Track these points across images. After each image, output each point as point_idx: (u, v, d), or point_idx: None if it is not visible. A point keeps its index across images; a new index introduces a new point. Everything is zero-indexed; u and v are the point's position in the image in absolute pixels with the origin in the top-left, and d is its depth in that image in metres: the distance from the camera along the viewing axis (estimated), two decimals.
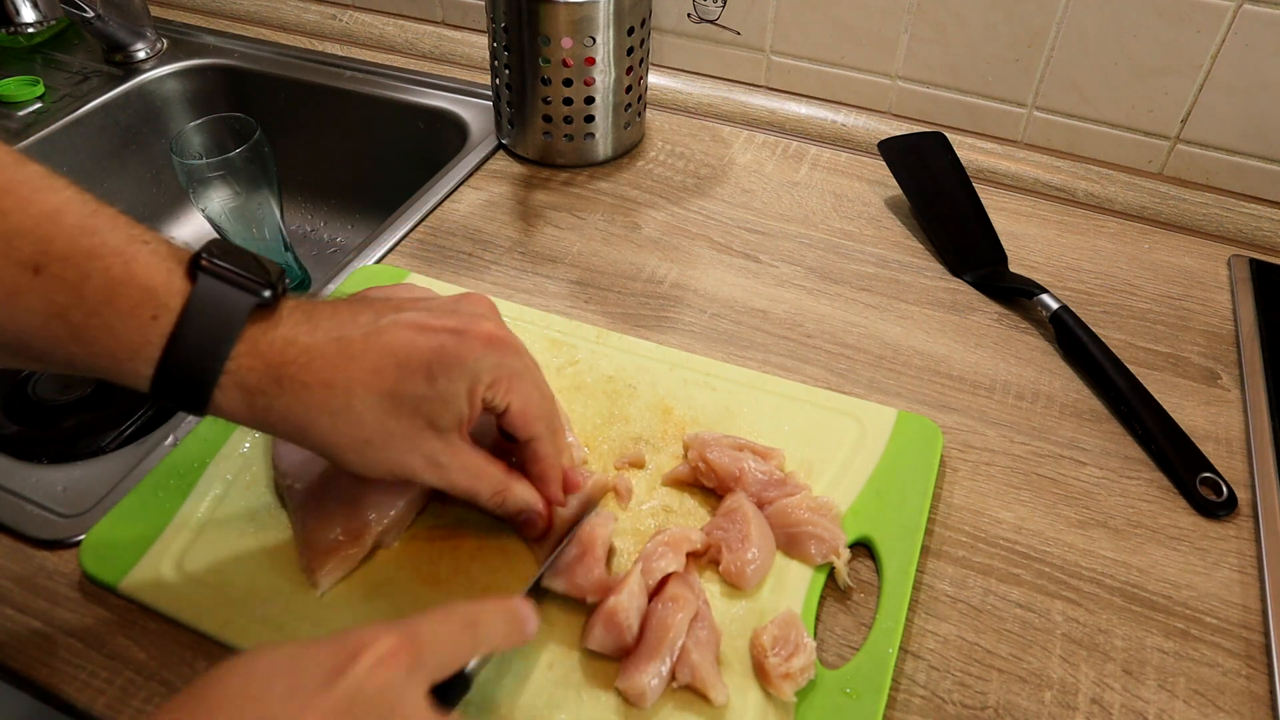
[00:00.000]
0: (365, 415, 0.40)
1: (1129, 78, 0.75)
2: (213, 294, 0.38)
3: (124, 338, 0.37)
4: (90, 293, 0.36)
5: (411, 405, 0.41)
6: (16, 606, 0.48)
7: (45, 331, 0.36)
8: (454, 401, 0.42)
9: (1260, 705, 0.45)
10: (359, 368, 0.40)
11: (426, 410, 0.41)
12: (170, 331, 0.37)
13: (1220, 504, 0.54)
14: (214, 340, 0.38)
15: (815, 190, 0.79)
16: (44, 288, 0.36)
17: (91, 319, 0.36)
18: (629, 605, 0.43)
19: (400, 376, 0.41)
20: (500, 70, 0.78)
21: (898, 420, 0.56)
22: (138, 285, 0.37)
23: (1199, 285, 0.71)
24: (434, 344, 0.41)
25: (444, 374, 0.41)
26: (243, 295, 0.39)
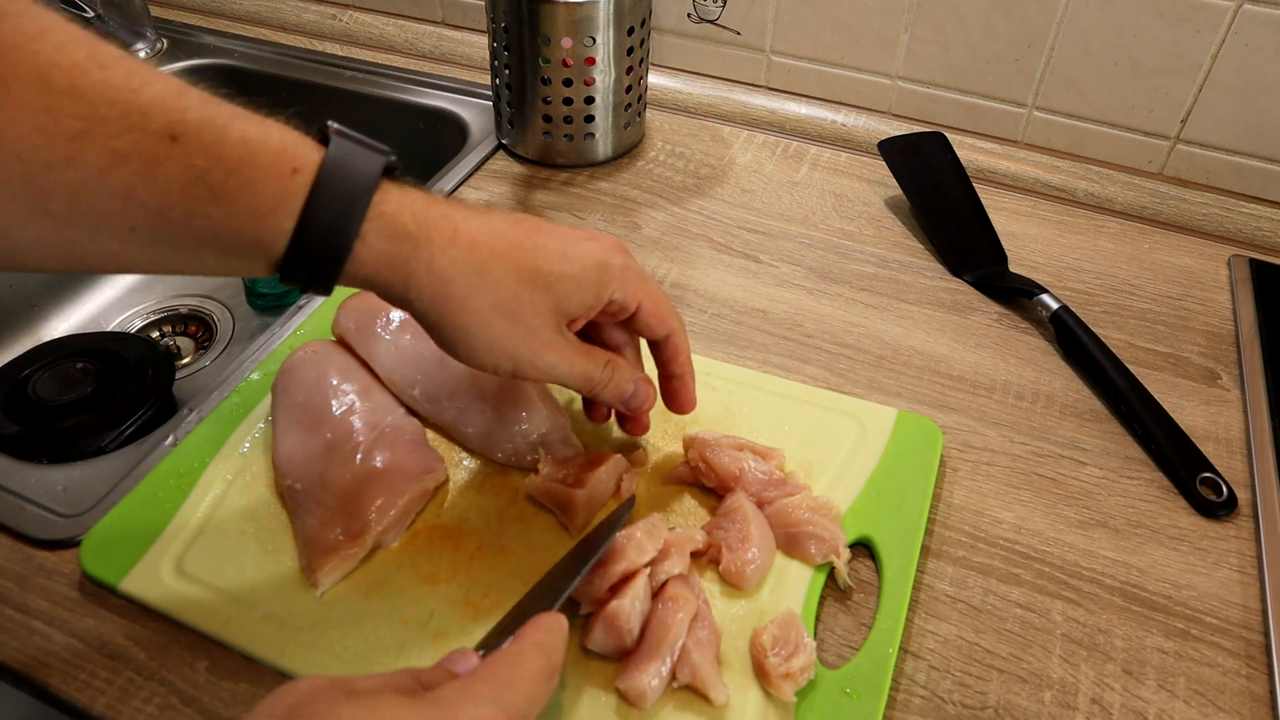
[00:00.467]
0: (504, 281, 0.42)
1: (1129, 78, 0.75)
2: (347, 152, 0.39)
3: (265, 192, 0.37)
4: (229, 153, 0.36)
5: (546, 282, 0.43)
6: (16, 606, 0.48)
7: (185, 197, 0.36)
8: (586, 288, 0.44)
9: (1260, 705, 0.45)
10: (503, 238, 0.42)
11: (559, 290, 0.43)
12: (312, 182, 0.38)
13: (1220, 504, 0.54)
14: (356, 186, 0.39)
15: (815, 190, 0.79)
16: (184, 153, 0.36)
17: (232, 178, 0.36)
18: (630, 610, 0.43)
19: (539, 255, 0.43)
20: (500, 70, 0.78)
21: (898, 420, 0.56)
22: (274, 144, 0.38)
23: (1199, 285, 0.71)
24: (570, 239, 0.44)
25: (579, 260, 0.44)
26: (374, 154, 0.40)
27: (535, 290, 0.43)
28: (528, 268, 0.42)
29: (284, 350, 0.61)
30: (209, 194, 0.36)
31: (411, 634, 0.45)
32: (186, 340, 0.83)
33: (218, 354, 0.82)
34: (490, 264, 0.42)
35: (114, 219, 0.36)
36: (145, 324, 0.85)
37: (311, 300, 0.66)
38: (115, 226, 0.36)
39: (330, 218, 0.38)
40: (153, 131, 0.35)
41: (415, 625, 0.46)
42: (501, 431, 0.53)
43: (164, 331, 0.84)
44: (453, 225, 0.41)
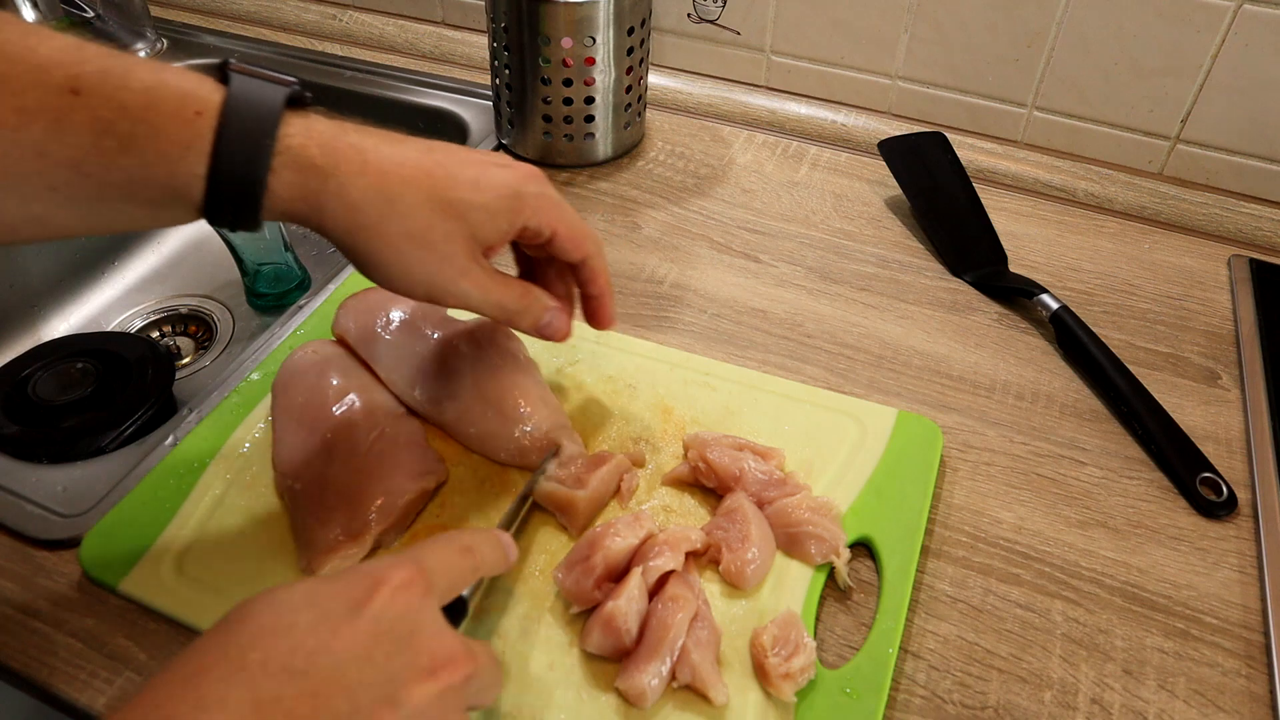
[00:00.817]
0: (417, 210, 0.42)
1: (1129, 78, 0.75)
2: (248, 88, 0.39)
3: (173, 137, 0.38)
4: (131, 101, 0.37)
5: (459, 210, 0.43)
6: (16, 606, 0.48)
7: (96, 149, 0.37)
8: (499, 216, 0.45)
9: (1260, 705, 0.45)
10: (415, 167, 0.43)
11: (473, 219, 0.44)
12: (216, 123, 0.38)
13: (1220, 504, 0.54)
14: (260, 123, 0.39)
15: (815, 190, 0.79)
16: (86, 105, 0.36)
17: (138, 126, 0.37)
18: (627, 610, 0.43)
19: (452, 184, 0.43)
20: (500, 70, 0.78)
21: (898, 420, 0.56)
22: (174, 89, 0.38)
23: (1199, 285, 0.71)
24: (482, 167, 0.45)
25: (492, 189, 0.44)
26: (276, 88, 0.40)
27: (448, 219, 0.43)
28: (440, 196, 0.43)
29: (284, 350, 0.61)
30: (118, 144, 0.37)
31: None
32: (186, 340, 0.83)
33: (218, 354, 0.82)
34: (402, 193, 0.42)
35: (33, 179, 0.37)
36: (145, 324, 0.85)
37: (311, 300, 0.66)
38: (35, 187, 0.37)
39: (239, 156, 0.39)
40: (54, 86, 0.36)
41: None
42: (503, 431, 0.53)
43: (164, 331, 0.84)
44: (362, 155, 0.41)
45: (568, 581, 0.46)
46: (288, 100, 0.40)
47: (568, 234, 0.48)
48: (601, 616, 0.44)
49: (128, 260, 0.89)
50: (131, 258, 0.89)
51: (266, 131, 0.39)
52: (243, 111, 0.39)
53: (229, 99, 0.39)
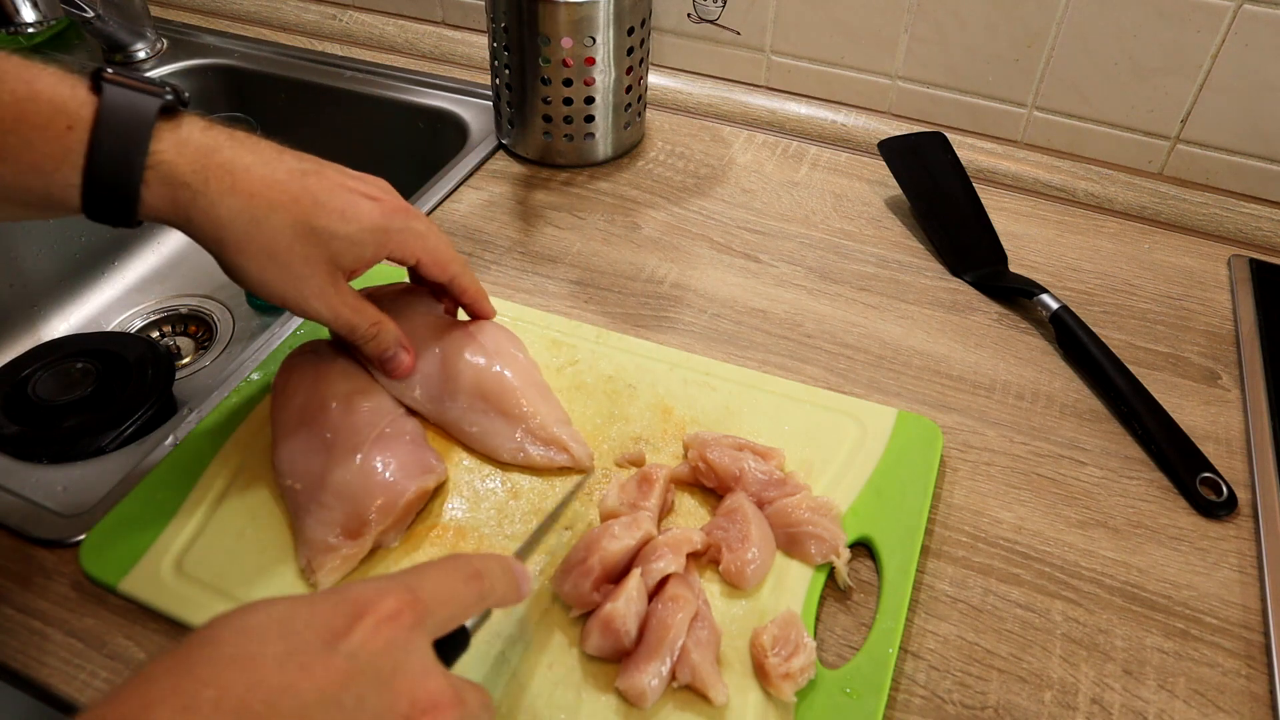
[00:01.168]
0: (280, 233, 0.44)
1: (1129, 78, 0.75)
2: (121, 99, 0.40)
3: (44, 150, 0.39)
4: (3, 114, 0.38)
5: (322, 239, 0.46)
6: (16, 606, 0.48)
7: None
8: (362, 248, 0.47)
9: (1260, 705, 0.45)
10: (283, 192, 0.44)
11: (334, 247, 0.46)
12: (88, 137, 0.40)
13: (1220, 504, 0.54)
14: (132, 138, 0.40)
15: (815, 190, 0.79)
16: None
17: (9, 137, 0.38)
18: (626, 611, 0.43)
19: (318, 212, 0.45)
20: (500, 70, 0.78)
21: (898, 420, 0.56)
22: (45, 101, 0.39)
23: (1199, 285, 0.71)
24: (352, 198, 0.47)
25: (358, 222, 0.47)
26: (149, 99, 0.41)
27: (309, 244, 0.45)
28: (304, 223, 0.45)
29: (284, 350, 0.61)
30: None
31: None
32: (186, 340, 0.83)
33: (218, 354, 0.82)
34: (267, 216, 0.44)
35: None
36: (145, 324, 0.85)
37: None
38: None
39: (111, 171, 0.40)
40: None
41: None
42: (505, 431, 0.53)
43: (164, 331, 0.84)
44: (232, 175, 0.43)
45: (566, 585, 0.46)
46: (160, 110, 0.41)
47: (431, 261, 0.52)
48: (600, 618, 0.44)
49: (128, 260, 0.89)
50: (131, 258, 0.89)
51: (138, 147, 0.41)
52: (114, 125, 0.40)
53: (101, 112, 0.40)
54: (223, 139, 0.44)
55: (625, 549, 0.46)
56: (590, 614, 0.45)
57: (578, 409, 0.57)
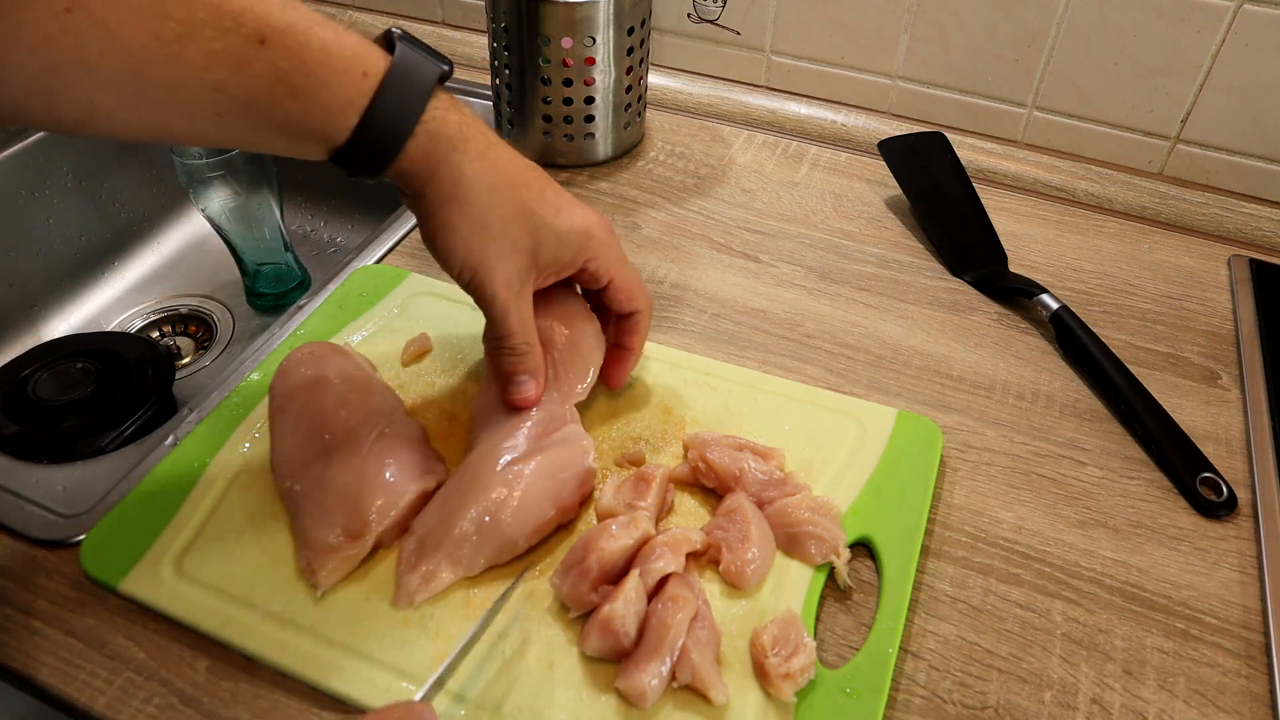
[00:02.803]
0: (504, 206, 0.47)
1: (1129, 78, 0.76)
2: (410, 58, 0.44)
3: (339, 92, 0.42)
4: (310, 57, 0.41)
5: (534, 225, 0.48)
6: (16, 606, 0.48)
7: (269, 94, 0.41)
8: (566, 246, 0.49)
9: (1260, 705, 0.45)
10: (521, 172, 0.48)
11: (541, 238, 0.48)
12: (378, 85, 0.43)
13: (1220, 504, 0.54)
14: (416, 92, 0.44)
15: (815, 190, 0.80)
16: (270, 55, 0.40)
17: (311, 79, 0.41)
18: (624, 612, 0.43)
19: (540, 201, 0.48)
20: (500, 70, 0.78)
21: (898, 420, 0.56)
22: (349, 50, 0.43)
23: (1199, 285, 0.71)
24: (570, 201, 0.50)
25: (569, 220, 0.49)
26: (433, 63, 0.45)
27: (522, 228, 0.48)
28: (525, 205, 0.48)
29: (284, 350, 0.61)
30: (289, 92, 0.41)
31: (412, 634, 0.45)
32: (186, 340, 0.83)
33: (218, 354, 0.82)
34: (500, 186, 0.47)
35: (205, 108, 0.41)
36: (145, 324, 0.85)
37: (311, 300, 0.66)
38: (205, 114, 0.41)
39: (391, 118, 0.44)
40: (244, 35, 0.40)
41: (415, 626, 0.46)
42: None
43: (164, 331, 0.84)
44: (486, 141, 0.47)
45: (564, 586, 0.46)
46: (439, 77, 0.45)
47: (623, 285, 0.53)
48: (599, 620, 0.44)
49: (128, 260, 0.89)
50: (131, 258, 0.89)
51: (418, 101, 0.44)
52: (403, 79, 0.44)
53: (394, 65, 0.43)
54: (475, 116, 0.48)
55: (623, 549, 0.46)
56: (589, 615, 0.45)
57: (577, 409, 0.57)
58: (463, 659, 0.42)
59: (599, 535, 0.46)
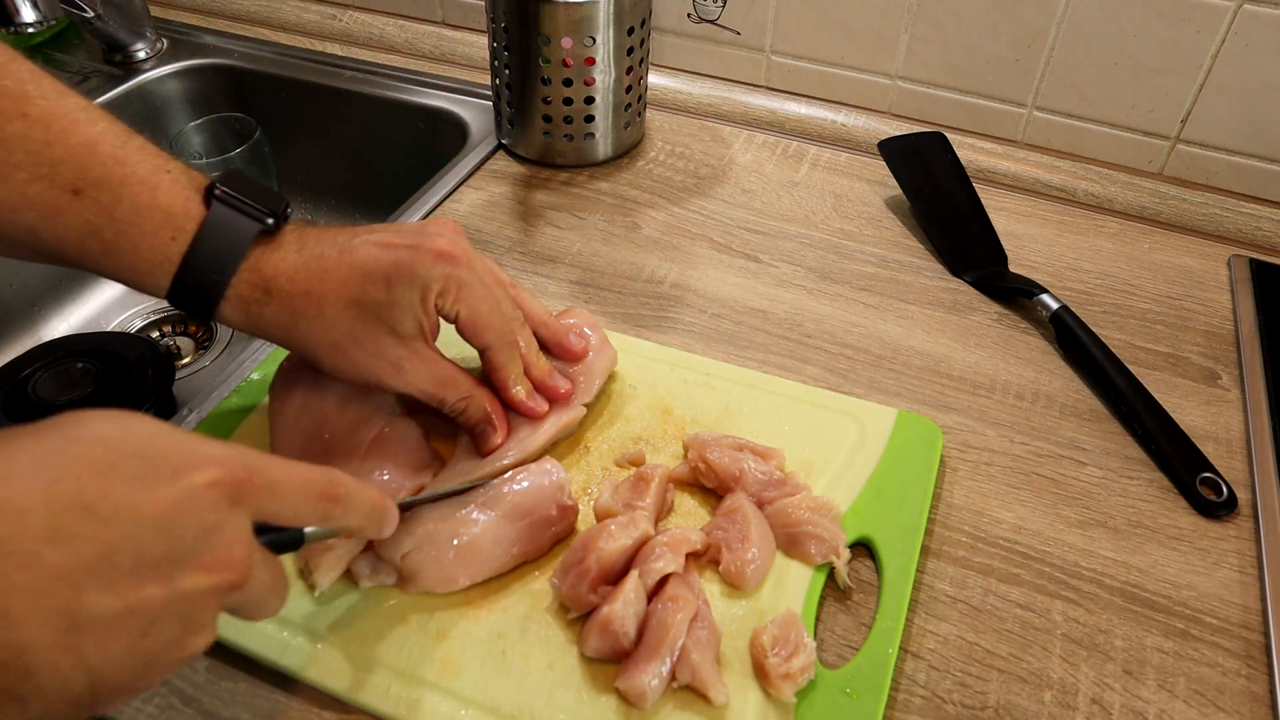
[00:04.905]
0: (336, 320, 0.46)
1: (1129, 78, 0.75)
2: (223, 219, 0.45)
3: (146, 255, 0.44)
4: (120, 215, 0.42)
5: (374, 311, 0.47)
6: None
7: (80, 246, 0.42)
8: (410, 308, 0.47)
9: (1260, 705, 0.45)
10: (332, 279, 0.46)
11: (387, 316, 0.47)
12: (185, 251, 0.44)
13: (1220, 504, 0.54)
14: (222, 260, 0.45)
15: (815, 190, 0.79)
16: (81, 209, 0.42)
17: (120, 237, 0.43)
18: (624, 613, 0.43)
19: (364, 286, 0.46)
20: (500, 70, 0.78)
21: (898, 420, 0.56)
22: (160, 210, 0.43)
23: (1199, 285, 0.71)
24: (392, 258, 0.47)
25: (400, 283, 0.47)
26: (249, 222, 0.45)
27: (366, 323, 0.47)
28: (354, 302, 0.46)
29: (284, 350, 0.61)
30: (101, 247, 0.43)
31: (411, 633, 0.45)
32: (186, 340, 0.83)
33: (218, 354, 0.82)
34: (323, 309, 0.46)
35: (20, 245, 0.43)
36: (145, 324, 0.85)
37: None
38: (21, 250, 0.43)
39: (198, 283, 0.45)
40: (59, 184, 0.41)
41: (415, 625, 0.46)
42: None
43: (164, 331, 0.84)
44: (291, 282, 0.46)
45: (564, 586, 0.46)
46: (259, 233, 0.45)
47: (469, 319, 0.49)
48: (598, 621, 0.43)
49: None
50: None
51: (227, 267, 0.45)
52: (211, 243, 0.44)
53: (202, 230, 0.44)
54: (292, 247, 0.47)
55: (622, 549, 0.46)
56: (589, 615, 0.45)
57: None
58: None
59: (598, 536, 0.46)
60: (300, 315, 0.46)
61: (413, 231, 0.49)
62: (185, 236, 0.44)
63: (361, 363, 0.47)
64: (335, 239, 0.48)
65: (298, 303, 0.46)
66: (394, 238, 0.48)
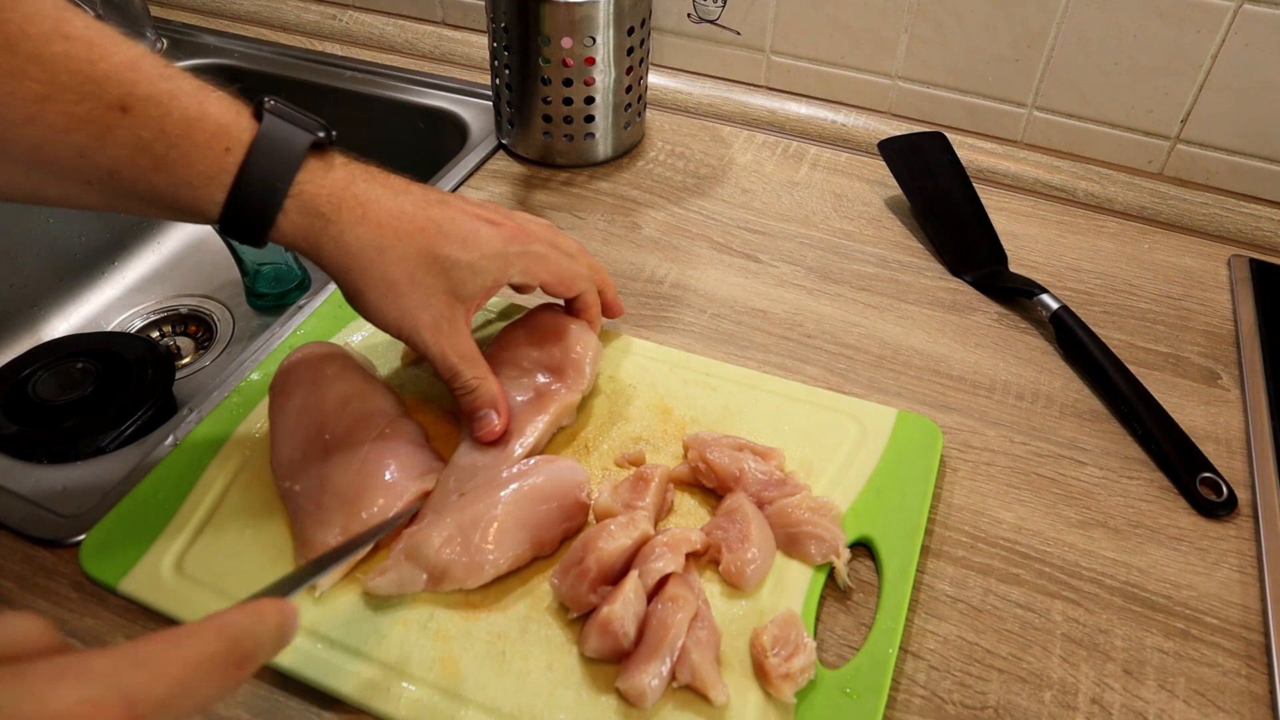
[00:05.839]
0: (403, 260, 0.46)
1: (1129, 78, 0.75)
2: (277, 130, 0.44)
3: (201, 168, 0.42)
4: (171, 128, 0.41)
5: (443, 266, 0.47)
6: (16, 606, 0.47)
7: (132, 164, 0.41)
8: (482, 275, 0.48)
9: (1260, 705, 0.45)
10: (409, 223, 0.47)
11: (455, 275, 0.48)
12: (242, 160, 0.43)
13: (1220, 504, 0.54)
14: (281, 167, 0.43)
15: (815, 190, 0.79)
16: (132, 124, 0.40)
17: (172, 151, 0.41)
18: (623, 613, 0.43)
19: (441, 240, 0.47)
20: (500, 70, 0.78)
21: (898, 420, 0.56)
22: (212, 122, 0.42)
23: (1199, 285, 0.71)
24: (476, 226, 0.49)
25: (478, 249, 0.48)
26: (303, 133, 0.44)
27: (431, 273, 0.47)
28: (428, 251, 0.47)
29: (284, 350, 0.61)
30: (152, 163, 0.41)
31: (411, 634, 0.45)
32: (186, 340, 0.83)
33: (218, 354, 0.82)
34: (393, 245, 0.46)
35: (71, 174, 0.41)
36: (145, 324, 0.85)
37: (311, 300, 0.66)
38: (73, 179, 0.41)
39: (256, 194, 0.43)
40: (106, 101, 0.40)
41: (415, 626, 0.46)
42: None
43: (164, 331, 0.84)
44: (364, 206, 0.46)
45: (563, 587, 0.46)
46: (311, 145, 0.44)
47: (556, 282, 0.53)
48: (598, 621, 0.43)
49: (128, 260, 0.89)
50: (131, 258, 0.89)
51: (284, 176, 0.43)
52: (267, 153, 0.43)
53: (257, 139, 0.43)
54: (359, 174, 0.46)
55: (621, 549, 0.46)
56: (589, 615, 0.45)
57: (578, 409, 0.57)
58: None
59: (597, 536, 0.46)
60: (365, 244, 0.45)
61: (480, 206, 0.51)
62: (240, 148, 0.43)
63: (408, 309, 0.47)
64: (407, 188, 0.48)
65: (366, 231, 0.45)
66: (473, 208, 0.50)
